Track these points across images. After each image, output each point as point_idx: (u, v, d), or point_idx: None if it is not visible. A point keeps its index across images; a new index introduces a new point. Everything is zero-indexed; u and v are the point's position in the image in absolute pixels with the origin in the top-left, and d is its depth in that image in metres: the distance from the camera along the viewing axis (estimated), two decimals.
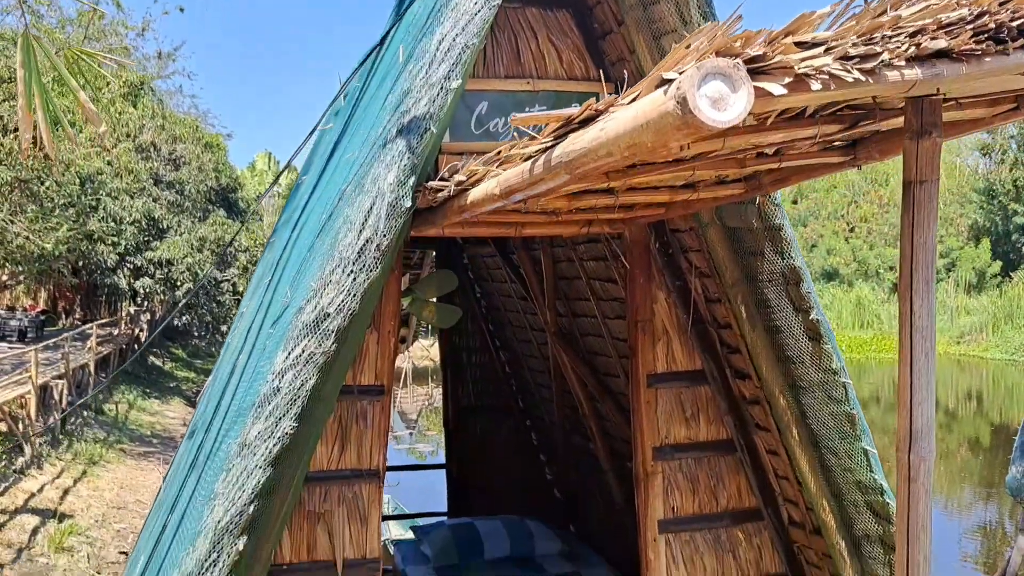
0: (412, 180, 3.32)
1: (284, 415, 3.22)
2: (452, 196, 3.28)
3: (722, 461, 4.99)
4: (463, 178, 3.02)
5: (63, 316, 30.63)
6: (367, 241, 3.30)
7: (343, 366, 3.70)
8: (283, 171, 7.67)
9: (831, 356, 3.97)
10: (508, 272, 7.53)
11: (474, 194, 2.93)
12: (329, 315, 3.30)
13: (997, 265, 40.03)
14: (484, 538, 7.72)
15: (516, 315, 8.09)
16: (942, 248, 40.48)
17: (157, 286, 24.57)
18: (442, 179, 3.25)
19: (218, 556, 3.14)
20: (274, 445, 3.20)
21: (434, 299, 5.76)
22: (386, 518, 9.44)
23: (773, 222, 3.90)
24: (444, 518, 8.54)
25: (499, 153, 2.82)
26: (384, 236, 3.30)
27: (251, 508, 3.16)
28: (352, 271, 3.30)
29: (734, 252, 4.27)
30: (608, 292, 6.04)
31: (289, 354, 3.30)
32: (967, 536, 13.54)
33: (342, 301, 3.30)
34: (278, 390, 3.27)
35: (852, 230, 45.66)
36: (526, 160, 2.40)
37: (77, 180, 20.56)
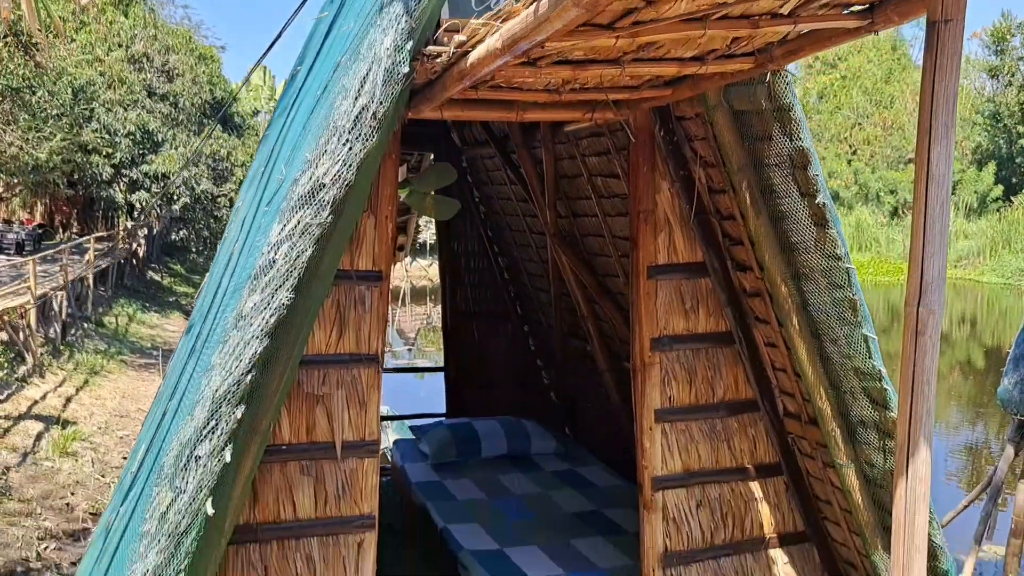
0: (410, 45, 3.19)
1: (280, 287, 3.17)
2: (452, 63, 3.16)
3: (720, 353, 4.98)
4: (463, 38, 2.90)
5: (60, 230, 30.48)
6: (363, 109, 3.19)
7: (339, 241, 3.64)
8: (258, 63, 7.39)
9: (836, 242, 3.90)
10: (508, 174, 7.41)
11: (475, 54, 2.81)
12: (324, 186, 3.21)
13: (999, 189, 39.77)
14: (482, 437, 7.80)
15: (515, 219, 8.00)
16: None
17: (153, 200, 24.37)
18: (441, 43, 3.13)
19: (216, 424, 3.12)
20: (270, 316, 3.16)
21: (432, 192, 5.67)
22: (385, 418, 9.54)
23: (783, 101, 3.78)
24: (443, 419, 8.62)
25: (500, 11, 2.70)
26: (380, 104, 3.19)
27: (248, 378, 3.14)
28: (348, 140, 3.20)
29: (740, 137, 4.15)
30: (610, 188, 5.94)
31: (284, 226, 3.23)
32: (953, 456, 13.74)
33: (337, 171, 3.21)
34: (274, 262, 3.20)
35: (855, 152, 45.20)
36: (530, 5, 2.29)
37: (69, 90, 20.18)
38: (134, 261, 27.03)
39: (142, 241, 28.01)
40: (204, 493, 3.11)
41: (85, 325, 20.32)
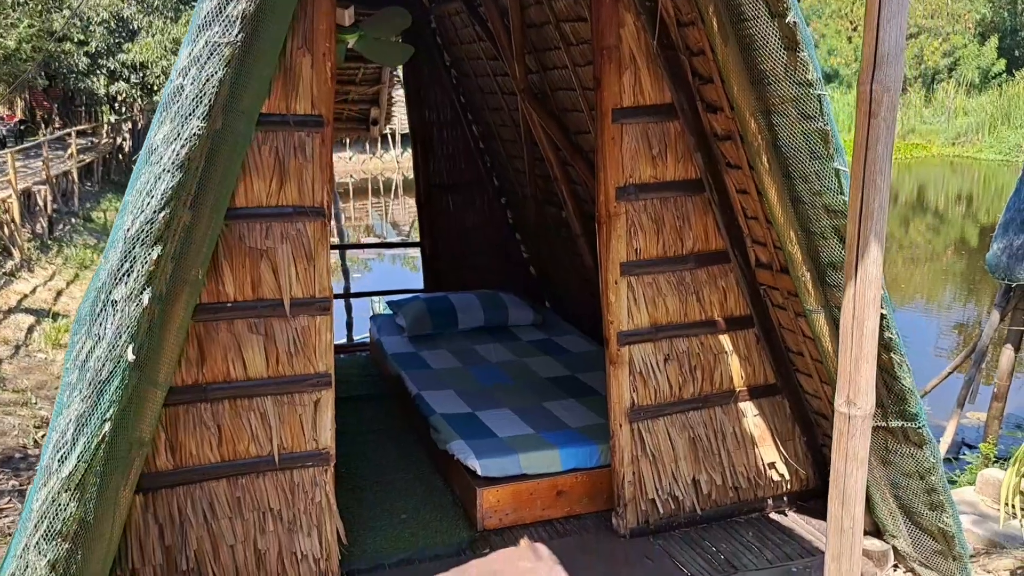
0: None
1: (191, 114, 2.88)
2: None
3: (689, 201, 4.72)
4: None
5: (43, 126, 29.73)
6: None
7: (261, 71, 3.33)
8: None
9: (807, 66, 3.58)
10: (476, 29, 6.98)
11: None
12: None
13: (1002, 63, 38.57)
14: (458, 309, 7.64)
15: (486, 80, 7.60)
16: (946, 47, 38.91)
17: (134, 91, 23.65)
18: None
19: (131, 267, 2.89)
20: (181, 147, 2.88)
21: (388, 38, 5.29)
22: (364, 294, 9.39)
23: None
24: (419, 294, 8.45)
25: None
26: None
27: (161, 216, 2.89)
28: None
29: None
30: (578, 34, 5.55)
31: (192, 49, 2.91)
32: (943, 335, 13.65)
33: None
34: (182, 88, 2.91)
35: (855, 29, 43.71)
36: None
37: None
38: (120, 156, 26.48)
39: (127, 135, 27.37)
40: (124, 339, 2.91)
41: (73, 220, 20.02)
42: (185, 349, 3.96)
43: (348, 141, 31.98)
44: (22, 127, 26.77)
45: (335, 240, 22.50)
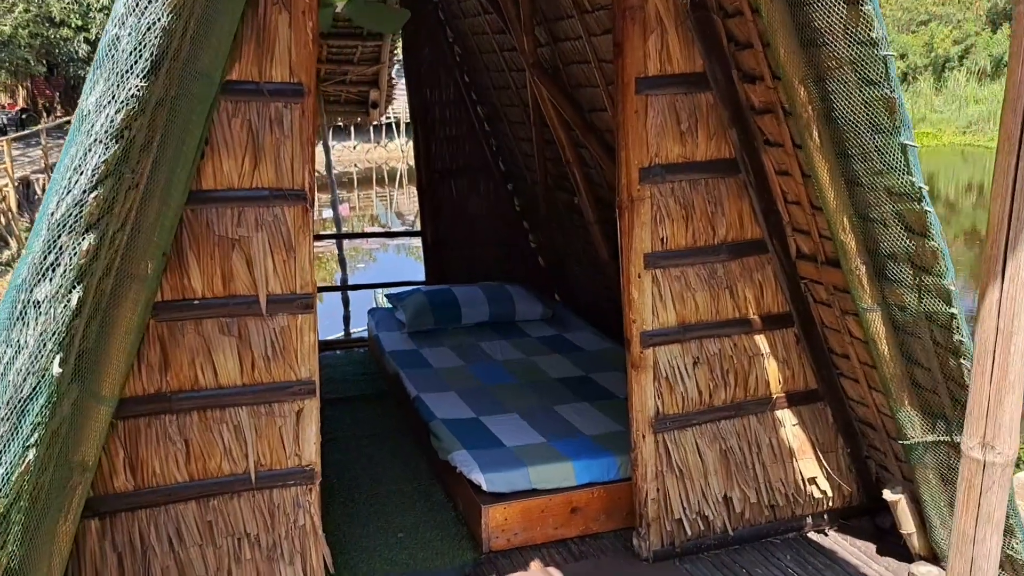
0: None
1: (128, 71, 2.31)
2: None
3: (722, 184, 4.14)
4: None
5: (44, 114, 29.19)
6: None
7: (222, 26, 2.76)
8: None
9: (871, 22, 3.00)
10: (482, 1, 6.39)
11: None
12: None
13: None
14: (462, 303, 7.07)
15: (492, 56, 7.00)
16: (958, 34, 38.09)
17: None
18: None
19: (56, 259, 2.33)
20: (116, 112, 2.31)
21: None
22: (362, 287, 8.81)
23: None
24: (421, 286, 7.89)
25: None
26: None
27: (92, 196, 2.32)
28: None
29: None
30: (594, 0, 4.96)
31: None
32: None
33: None
34: (117, 40, 2.33)
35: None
36: None
37: None
38: None
39: None
40: (50, 348, 2.35)
41: None
42: (144, 353, 3.40)
43: (353, 130, 31.35)
44: (23, 115, 26.24)
45: (329, 229, 22.08)
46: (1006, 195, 1.44)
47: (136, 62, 2.31)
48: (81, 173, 2.31)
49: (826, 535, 4.48)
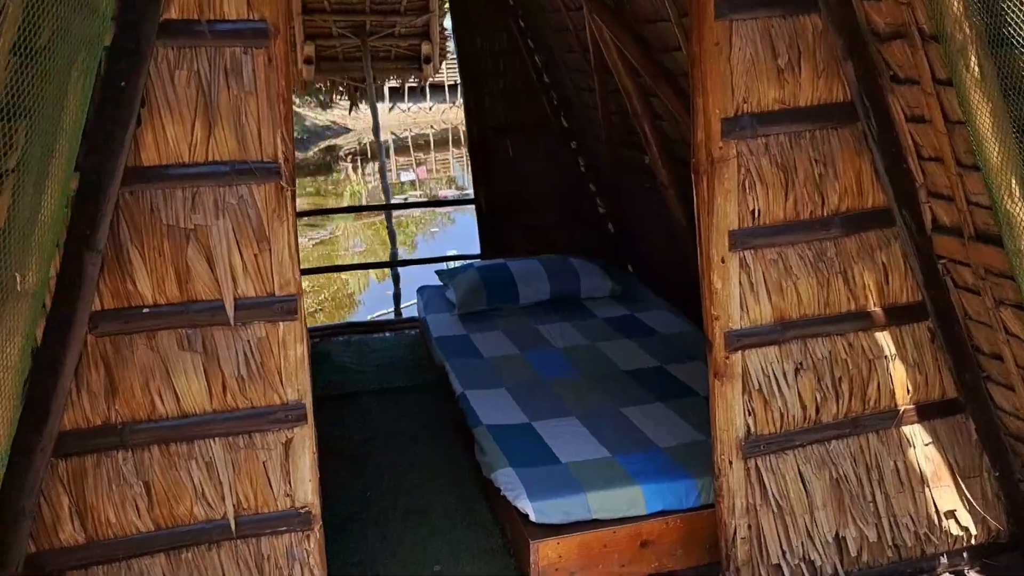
0: None
1: None
2: None
3: (834, 137, 3.12)
4: None
5: None
6: None
7: None
8: None
9: None
10: None
11: None
12: None
13: None
14: (518, 280, 6.18)
15: None
16: None
17: None
18: None
19: None
20: None
21: None
22: (410, 262, 8.01)
23: None
24: (475, 261, 7.03)
25: None
26: None
27: None
28: None
29: None
30: None
31: None
32: None
33: None
34: None
35: None
36: None
37: None
38: None
39: None
40: None
41: None
42: (83, 376, 2.66)
43: (428, 90, 30.59)
44: None
45: (409, 193, 21.41)
46: None
47: None
48: None
49: None
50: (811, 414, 3.30)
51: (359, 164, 26.56)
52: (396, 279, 7.65)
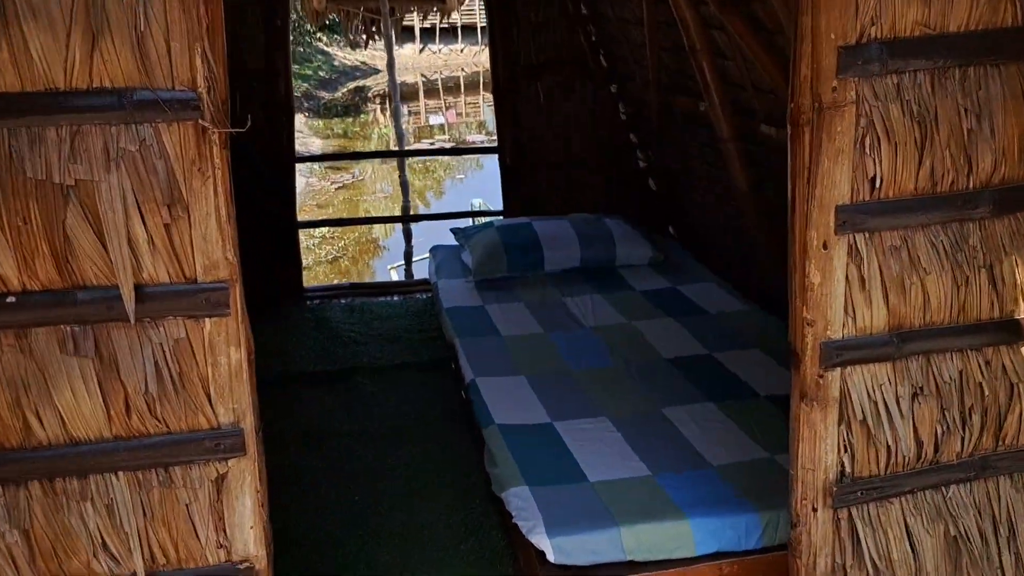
0: None
1: None
2: None
3: (994, 78, 2.18)
4: None
5: None
6: None
7: None
8: None
9: None
10: None
11: None
12: None
13: None
14: (545, 243, 5.32)
15: None
16: None
17: None
18: None
19: None
20: None
21: None
22: (423, 217, 7.12)
23: None
24: (495, 219, 6.16)
25: None
26: None
27: None
28: None
29: None
30: None
31: None
32: None
33: None
34: None
35: None
36: None
37: None
38: None
39: None
40: None
41: None
42: None
43: (460, 31, 29.30)
44: None
45: (437, 137, 20.43)
46: None
47: None
48: None
49: None
50: (927, 452, 2.44)
51: (387, 105, 25.60)
52: (408, 235, 6.81)
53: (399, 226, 12.14)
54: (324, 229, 10.20)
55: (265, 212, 5.65)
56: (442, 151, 14.95)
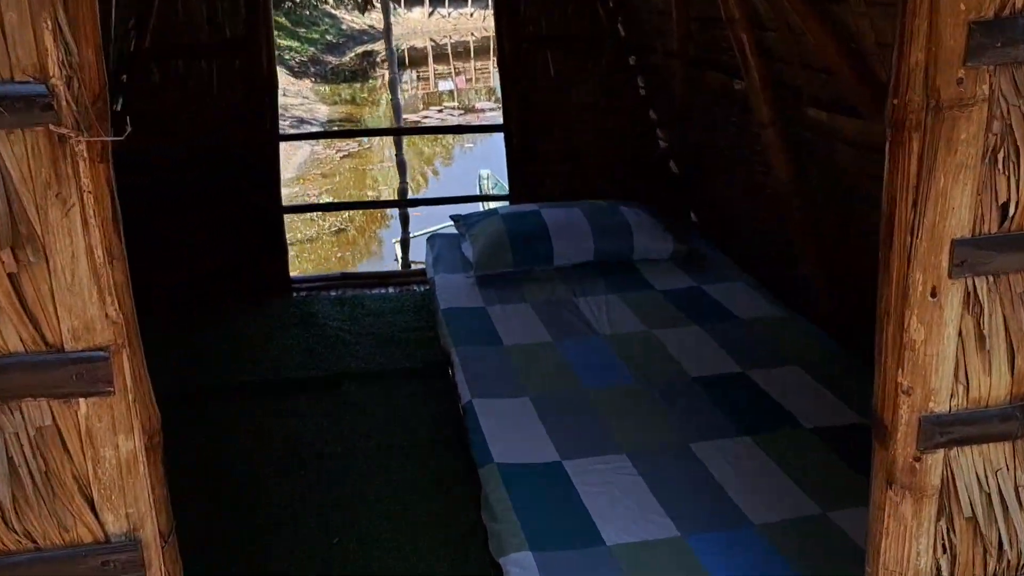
0: None
1: None
2: None
3: None
4: None
5: None
6: None
7: None
8: None
9: None
10: None
11: None
12: None
13: None
14: (554, 233, 4.72)
15: None
16: None
17: None
18: None
19: None
20: None
21: None
22: (423, 202, 6.51)
23: None
24: (500, 207, 5.55)
25: None
26: None
27: None
28: None
29: None
30: None
31: None
32: None
33: None
34: None
35: None
36: None
37: None
38: None
39: None
40: None
41: None
42: None
43: None
44: None
45: (447, 104, 19.69)
46: None
47: None
48: None
49: None
50: None
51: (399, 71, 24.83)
52: (404, 221, 6.19)
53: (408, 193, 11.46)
54: (328, 200, 9.58)
55: (247, 198, 5.07)
56: (443, 129, 14.07)
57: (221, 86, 4.93)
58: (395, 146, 6.23)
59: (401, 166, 6.13)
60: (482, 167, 9.11)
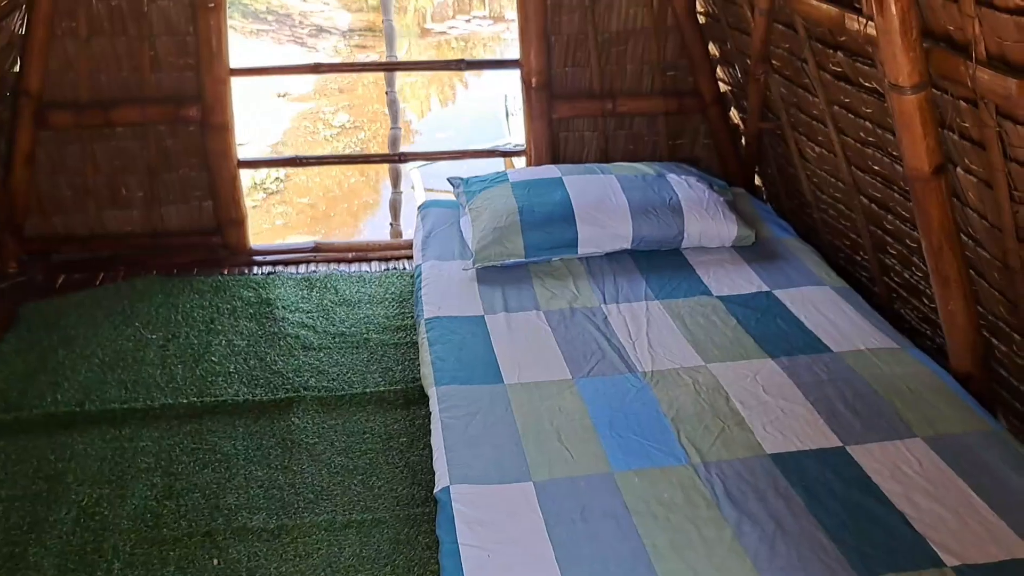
0: None
1: None
2: None
3: None
4: None
5: None
6: None
7: None
8: None
9: None
10: None
11: None
12: None
13: None
14: (580, 212, 3.46)
15: None
16: None
17: None
18: None
19: None
20: None
21: None
22: (420, 155, 5.19)
23: None
24: (509, 171, 4.25)
25: None
26: None
27: None
28: None
29: None
30: None
31: None
32: None
33: None
34: None
35: None
36: None
37: None
38: None
39: None
40: None
41: None
42: None
43: None
44: None
45: (443, 15, 17.92)
46: None
47: None
48: None
49: None
50: None
51: None
52: (395, 180, 4.90)
53: (437, 106, 9.85)
54: (344, 116, 8.15)
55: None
56: (441, 64, 10.74)
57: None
58: (387, 84, 4.88)
59: (392, 106, 4.81)
60: (505, 90, 7.84)
